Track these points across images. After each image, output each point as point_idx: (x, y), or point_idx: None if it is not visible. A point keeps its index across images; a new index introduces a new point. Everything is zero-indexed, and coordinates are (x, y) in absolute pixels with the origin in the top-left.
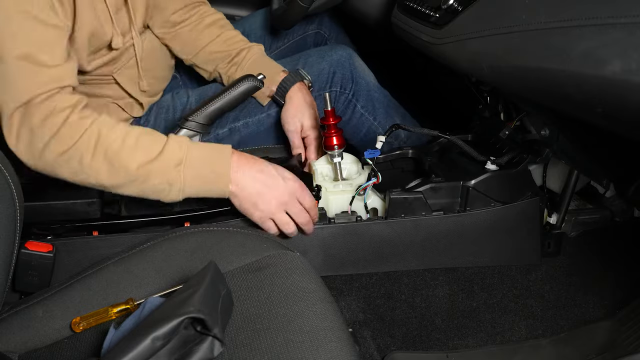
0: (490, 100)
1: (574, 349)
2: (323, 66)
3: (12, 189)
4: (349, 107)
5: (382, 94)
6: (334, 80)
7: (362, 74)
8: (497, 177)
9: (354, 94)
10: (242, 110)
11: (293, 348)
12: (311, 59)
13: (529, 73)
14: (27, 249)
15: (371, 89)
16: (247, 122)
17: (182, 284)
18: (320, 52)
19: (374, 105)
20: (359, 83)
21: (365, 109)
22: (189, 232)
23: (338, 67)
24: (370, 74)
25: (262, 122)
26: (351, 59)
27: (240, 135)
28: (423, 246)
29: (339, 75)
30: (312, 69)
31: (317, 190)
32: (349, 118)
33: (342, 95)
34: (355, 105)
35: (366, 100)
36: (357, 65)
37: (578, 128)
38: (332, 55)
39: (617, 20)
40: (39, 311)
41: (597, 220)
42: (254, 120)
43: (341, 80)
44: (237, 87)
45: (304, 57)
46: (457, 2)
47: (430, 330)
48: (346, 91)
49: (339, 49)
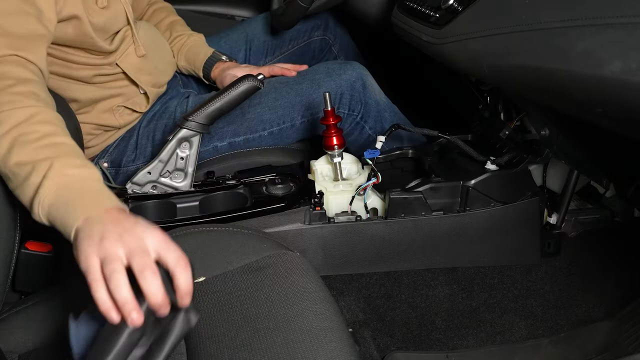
0: (490, 100)
1: (574, 349)
2: (330, 86)
3: None
4: (356, 129)
5: (391, 113)
6: (342, 102)
7: (372, 94)
8: (497, 177)
9: (363, 116)
10: (242, 124)
11: (293, 348)
12: (318, 77)
13: (529, 73)
14: (27, 249)
15: (381, 109)
16: (247, 138)
17: None
18: (329, 71)
19: (382, 125)
20: (368, 104)
21: (374, 130)
22: (189, 232)
23: (347, 89)
24: (381, 93)
25: (264, 139)
26: (362, 79)
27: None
28: (423, 246)
29: (347, 97)
30: (319, 89)
31: (319, 197)
32: (355, 138)
33: (349, 117)
34: (364, 127)
35: (375, 122)
36: (368, 85)
37: (578, 128)
38: (341, 75)
39: (617, 20)
40: (39, 311)
41: (597, 220)
42: (254, 137)
43: (349, 102)
44: (237, 87)
45: (311, 73)
46: (457, 2)
47: (430, 330)
48: (354, 113)
49: (348, 68)
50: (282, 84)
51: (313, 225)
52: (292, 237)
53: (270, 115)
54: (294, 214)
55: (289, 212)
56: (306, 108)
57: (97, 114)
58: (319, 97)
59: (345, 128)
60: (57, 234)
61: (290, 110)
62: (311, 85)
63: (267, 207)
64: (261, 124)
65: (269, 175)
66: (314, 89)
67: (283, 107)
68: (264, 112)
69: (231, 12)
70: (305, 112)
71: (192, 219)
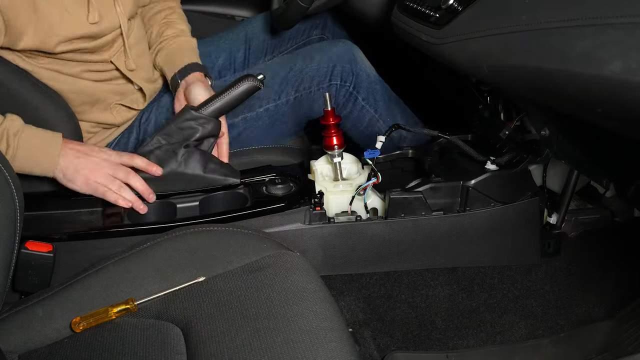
0: (490, 100)
1: (574, 349)
2: (323, 59)
3: (12, 189)
4: (349, 100)
5: (383, 87)
6: (334, 73)
7: (363, 66)
8: (497, 177)
9: (355, 86)
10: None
11: (293, 348)
12: (311, 53)
13: (529, 73)
14: (27, 249)
15: (372, 81)
16: (245, 117)
17: (182, 284)
18: (321, 47)
19: (375, 97)
20: (359, 75)
21: (367, 101)
22: (189, 232)
23: (338, 61)
24: (372, 67)
25: (260, 117)
26: (352, 51)
27: (238, 131)
28: (423, 246)
29: (339, 69)
30: (312, 63)
31: (319, 197)
32: (349, 111)
33: (342, 88)
34: (357, 97)
35: (367, 93)
36: (358, 58)
37: (578, 128)
38: (332, 50)
39: (617, 20)
40: (39, 311)
41: (597, 220)
42: (252, 115)
43: (341, 74)
44: (237, 87)
45: (304, 51)
46: (457, 2)
47: (430, 330)
48: (347, 84)
49: (339, 43)
50: (276, 63)
51: (313, 225)
52: (292, 237)
53: (266, 91)
54: (294, 214)
55: (289, 212)
56: (300, 82)
57: (95, 113)
58: (312, 71)
59: (339, 100)
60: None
61: (285, 86)
62: (304, 60)
63: (267, 207)
64: (257, 101)
65: (269, 175)
66: (306, 64)
67: (278, 83)
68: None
69: (231, 12)
70: (299, 86)
71: (192, 219)
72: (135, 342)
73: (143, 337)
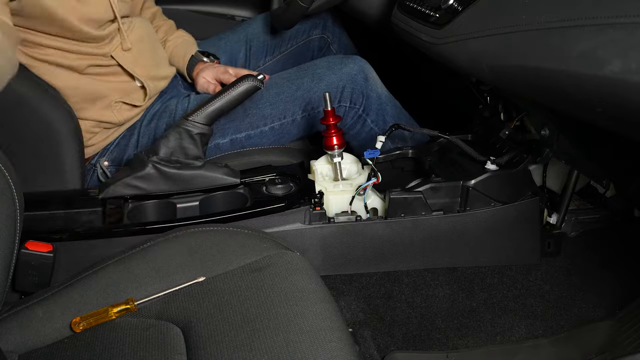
0: (490, 100)
1: (574, 349)
2: (332, 80)
3: (12, 189)
4: (358, 122)
5: (393, 106)
6: (343, 94)
7: (374, 87)
8: (497, 177)
9: (365, 108)
10: (244, 120)
11: (293, 348)
12: (320, 71)
13: (528, 73)
14: (27, 249)
15: (383, 102)
16: (249, 134)
17: (182, 284)
18: (330, 65)
19: (384, 118)
20: (370, 97)
21: (376, 123)
22: (189, 232)
23: (348, 82)
24: (383, 86)
25: (265, 135)
26: (364, 72)
27: (241, 146)
28: (423, 246)
29: (349, 90)
30: (320, 83)
31: (319, 197)
32: (357, 132)
33: (351, 111)
34: (365, 120)
35: (377, 114)
36: (370, 79)
37: (578, 128)
38: (342, 69)
39: (616, 20)
40: (39, 311)
41: (597, 220)
42: (256, 132)
43: (351, 95)
44: (237, 87)
45: (312, 68)
46: (457, 2)
47: (430, 330)
48: (356, 106)
49: (350, 61)
50: (282, 79)
51: (313, 225)
52: (292, 237)
53: (272, 110)
54: (294, 214)
55: (289, 212)
56: (307, 102)
57: (96, 111)
58: (320, 91)
59: (347, 122)
60: (56, 234)
61: (292, 105)
62: (312, 79)
63: (267, 207)
64: (262, 120)
65: (269, 175)
66: (315, 83)
67: (284, 101)
68: (265, 107)
69: (231, 12)
70: (306, 106)
71: (192, 219)
72: (135, 342)
73: (143, 337)
